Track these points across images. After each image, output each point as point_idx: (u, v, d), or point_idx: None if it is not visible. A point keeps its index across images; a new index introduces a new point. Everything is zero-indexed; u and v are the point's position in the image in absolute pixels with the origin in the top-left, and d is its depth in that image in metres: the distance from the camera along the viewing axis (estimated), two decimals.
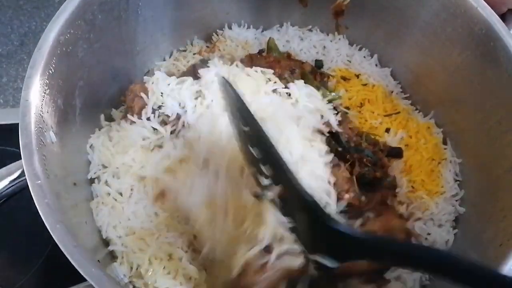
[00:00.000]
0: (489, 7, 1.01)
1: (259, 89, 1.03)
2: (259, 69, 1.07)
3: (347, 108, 1.17)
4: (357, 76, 1.26)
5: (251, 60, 1.16)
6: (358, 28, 1.28)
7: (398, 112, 1.21)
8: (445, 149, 1.16)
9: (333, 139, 1.04)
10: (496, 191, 0.99)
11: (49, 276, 1.13)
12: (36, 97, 0.83)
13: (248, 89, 1.01)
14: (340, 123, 1.07)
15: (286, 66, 1.11)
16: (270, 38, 1.26)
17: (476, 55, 1.04)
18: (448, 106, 1.16)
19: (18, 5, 1.69)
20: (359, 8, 1.23)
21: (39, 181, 0.75)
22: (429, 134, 1.18)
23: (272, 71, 1.07)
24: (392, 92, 1.26)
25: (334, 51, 1.30)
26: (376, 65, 1.30)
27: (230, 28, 1.33)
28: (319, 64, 1.27)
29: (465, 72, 1.07)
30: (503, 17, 1.07)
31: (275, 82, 1.06)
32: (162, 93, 1.03)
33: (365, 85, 1.24)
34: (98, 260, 0.82)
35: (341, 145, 1.03)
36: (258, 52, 1.25)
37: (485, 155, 1.05)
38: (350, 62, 1.29)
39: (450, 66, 1.11)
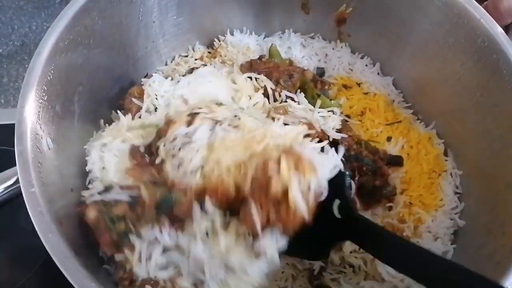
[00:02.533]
0: (492, 19, 0.99)
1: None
2: (253, 75, 1.06)
3: (348, 116, 1.17)
4: (359, 84, 1.25)
5: (250, 66, 1.15)
6: (361, 36, 1.27)
7: (400, 121, 1.20)
8: (446, 160, 1.15)
9: (332, 146, 1.03)
10: (496, 206, 0.97)
11: (49, 276, 1.13)
12: (33, 104, 0.83)
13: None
14: (339, 131, 1.05)
15: (284, 71, 1.10)
16: (272, 44, 1.26)
17: (478, 67, 1.02)
18: (450, 117, 1.15)
19: (19, 6, 1.70)
20: (362, 16, 1.22)
21: (33, 189, 0.75)
22: (430, 145, 1.17)
23: (264, 77, 1.06)
24: (393, 101, 1.25)
25: (336, 59, 1.29)
26: (378, 73, 1.29)
27: (232, 34, 1.32)
28: (320, 72, 1.26)
29: (467, 84, 1.06)
30: (506, 28, 1.05)
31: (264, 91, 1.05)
32: (156, 95, 1.03)
33: (366, 93, 1.24)
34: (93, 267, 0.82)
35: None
36: (258, 58, 1.24)
37: (486, 168, 1.03)
38: (351, 70, 1.29)
39: (452, 77, 1.09)
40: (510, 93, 0.96)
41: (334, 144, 1.03)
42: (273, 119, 0.99)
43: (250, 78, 1.07)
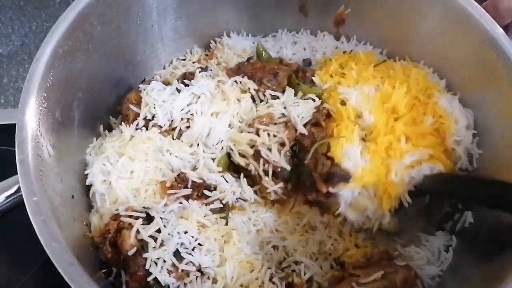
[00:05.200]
0: (491, 18, 0.99)
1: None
2: (238, 79, 1.07)
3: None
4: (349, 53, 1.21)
5: (238, 69, 1.15)
6: (360, 36, 1.26)
7: (385, 61, 1.17)
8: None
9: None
10: None
11: (49, 277, 1.12)
12: (33, 112, 0.83)
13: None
14: (315, 124, 1.02)
15: (269, 71, 1.09)
16: (258, 44, 1.25)
17: (478, 67, 1.02)
18: None
19: (19, 6, 1.69)
20: (361, 17, 1.22)
21: (35, 198, 0.75)
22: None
23: (247, 80, 1.07)
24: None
25: (322, 49, 1.27)
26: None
27: (228, 36, 1.32)
28: (307, 62, 1.25)
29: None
30: (506, 28, 1.05)
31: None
32: (154, 104, 1.03)
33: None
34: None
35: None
36: (246, 60, 1.23)
37: (487, 169, 1.03)
38: (337, 48, 1.26)
39: None
40: (510, 93, 0.96)
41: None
42: (257, 129, 0.99)
43: (237, 82, 1.07)
